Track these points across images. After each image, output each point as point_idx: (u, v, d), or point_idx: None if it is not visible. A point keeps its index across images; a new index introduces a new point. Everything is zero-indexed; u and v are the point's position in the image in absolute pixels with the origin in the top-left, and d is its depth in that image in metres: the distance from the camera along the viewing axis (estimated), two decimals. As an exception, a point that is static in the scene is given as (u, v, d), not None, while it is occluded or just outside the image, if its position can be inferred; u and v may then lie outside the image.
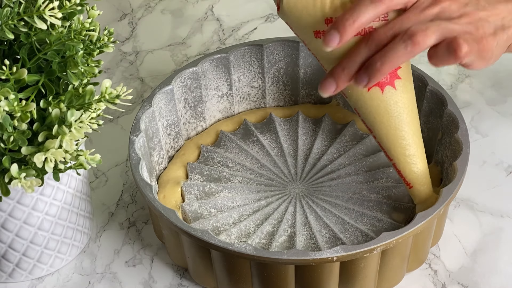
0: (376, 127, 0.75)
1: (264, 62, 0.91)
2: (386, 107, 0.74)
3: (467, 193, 0.87)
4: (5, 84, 0.68)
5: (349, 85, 0.70)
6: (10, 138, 0.67)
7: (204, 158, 0.88)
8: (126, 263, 0.83)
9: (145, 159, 0.82)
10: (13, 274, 0.81)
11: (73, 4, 0.69)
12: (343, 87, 0.70)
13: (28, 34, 0.70)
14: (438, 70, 1.02)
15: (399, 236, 0.72)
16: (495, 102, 0.97)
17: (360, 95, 0.74)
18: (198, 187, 0.85)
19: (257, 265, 0.74)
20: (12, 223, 0.77)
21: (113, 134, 0.95)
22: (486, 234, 0.84)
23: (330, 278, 0.74)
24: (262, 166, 0.87)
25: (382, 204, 0.83)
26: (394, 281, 0.79)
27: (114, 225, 0.87)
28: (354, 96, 0.74)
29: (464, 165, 0.78)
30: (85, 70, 0.71)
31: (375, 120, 0.74)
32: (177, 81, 0.87)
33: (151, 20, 1.11)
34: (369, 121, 0.75)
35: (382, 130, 0.75)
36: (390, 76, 0.73)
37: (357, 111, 0.75)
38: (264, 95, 0.93)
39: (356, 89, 0.73)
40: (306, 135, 0.90)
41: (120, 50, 1.06)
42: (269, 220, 0.82)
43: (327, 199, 0.84)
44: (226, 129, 0.91)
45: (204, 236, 0.73)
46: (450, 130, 0.83)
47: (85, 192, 0.82)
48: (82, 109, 0.70)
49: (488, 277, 0.80)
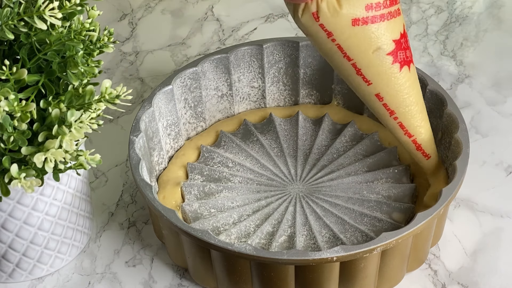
0: (404, 104, 0.77)
1: (264, 62, 0.91)
2: (414, 83, 0.77)
3: (467, 193, 0.87)
4: (5, 84, 0.68)
5: (376, 70, 0.75)
6: (10, 138, 0.67)
7: (204, 158, 0.88)
8: (126, 263, 0.83)
9: (145, 159, 0.82)
10: (13, 274, 0.81)
11: (73, 4, 0.69)
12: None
13: (28, 34, 0.70)
14: (438, 70, 1.02)
15: (399, 236, 0.73)
16: (495, 102, 0.98)
17: (391, 76, 0.76)
18: (198, 187, 0.85)
19: (257, 265, 0.74)
20: (12, 223, 0.77)
21: (113, 134, 0.95)
22: (486, 234, 0.84)
23: (330, 278, 0.74)
24: (262, 166, 0.87)
25: (382, 204, 0.83)
26: (394, 281, 0.79)
27: (114, 225, 0.87)
28: (383, 80, 0.76)
29: (464, 165, 0.78)
30: (85, 70, 0.71)
31: (405, 98, 0.77)
32: (177, 81, 0.87)
33: (151, 20, 1.11)
34: (398, 101, 0.77)
35: (411, 106, 0.78)
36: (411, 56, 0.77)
37: (380, 96, 0.77)
38: (264, 95, 0.93)
39: (386, 71, 0.75)
40: (306, 135, 0.90)
41: (120, 50, 1.06)
42: (269, 220, 0.82)
43: (327, 199, 0.84)
44: (226, 129, 0.91)
45: (204, 236, 0.73)
46: (450, 130, 0.83)
47: (85, 192, 0.82)
48: (82, 109, 0.70)
49: (488, 277, 0.80)
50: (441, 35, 1.07)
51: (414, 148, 0.81)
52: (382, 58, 0.74)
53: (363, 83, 0.76)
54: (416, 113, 0.78)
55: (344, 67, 0.75)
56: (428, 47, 1.05)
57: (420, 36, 1.07)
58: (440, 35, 1.07)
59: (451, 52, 1.04)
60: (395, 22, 0.75)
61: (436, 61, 1.03)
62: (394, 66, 0.75)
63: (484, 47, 1.05)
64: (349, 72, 0.75)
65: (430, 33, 1.07)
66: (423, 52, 1.04)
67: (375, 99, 0.77)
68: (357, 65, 0.74)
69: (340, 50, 0.74)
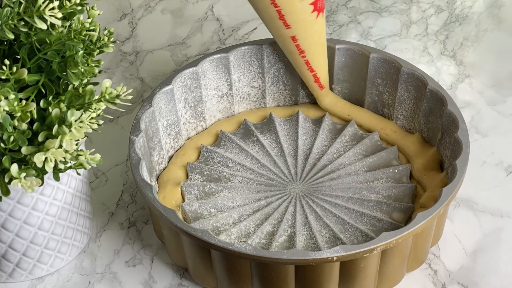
0: (314, 46, 0.87)
1: (264, 62, 0.91)
2: (324, 28, 0.87)
3: (467, 193, 0.87)
4: (5, 84, 0.68)
5: (297, 17, 0.84)
6: (10, 138, 0.67)
7: (204, 158, 0.88)
8: (126, 263, 0.83)
9: (145, 159, 0.82)
10: (13, 274, 0.81)
11: (73, 4, 0.69)
12: None
13: (28, 34, 0.70)
14: (438, 70, 1.02)
15: (399, 236, 0.72)
16: (495, 102, 0.98)
17: (309, 22, 0.85)
18: (198, 187, 0.85)
19: (257, 265, 0.74)
20: (12, 223, 0.77)
21: (113, 134, 0.95)
22: (486, 234, 0.84)
23: (330, 278, 0.74)
24: (262, 166, 0.87)
25: (382, 204, 0.83)
26: (394, 281, 0.79)
27: (114, 225, 0.87)
28: (302, 25, 0.85)
29: (464, 165, 0.78)
30: (85, 70, 0.71)
31: (316, 41, 0.87)
32: (177, 81, 0.87)
33: (151, 20, 1.11)
34: (309, 43, 0.86)
35: (319, 47, 0.88)
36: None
37: (296, 38, 0.86)
38: (264, 95, 0.93)
39: (306, 18, 0.84)
40: (306, 135, 0.90)
41: (120, 50, 1.06)
42: (269, 220, 0.82)
43: (327, 199, 0.84)
44: (226, 129, 0.91)
45: (204, 236, 0.73)
46: (450, 130, 0.83)
47: (85, 192, 0.82)
48: (82, 109, 0.70)
49: (488, 277, 0.80)
50: (441, 35, 1.07)
51: (313, 80, 0.90)
52: (305, 7, 0.83)
53: (282, 27, 0.84)
54: (320, 53, 0.88)
55: (268, 11, 0.83)
56: (428, 47, 1.05)
57: (420, 36, 1.07)
58: (440, 35, 1.07)
59: (451, 52, 1.04)
60: None
61: (436, 61, 1.03)
62: (313, 13, 0.84)
63: (484, 47, 1.05)
64: (272, 15, 0.83)
65: (430, 33, 1.07)
66: (423, 52, 1.04)
67: (290, 41, 0.86)
68: (282, 11, 0.83)
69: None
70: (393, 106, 0.90)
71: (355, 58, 0.90)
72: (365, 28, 1.09)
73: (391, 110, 0.90)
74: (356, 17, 1.11)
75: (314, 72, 0.89)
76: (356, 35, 1.08)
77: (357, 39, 1.07)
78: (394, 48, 1.05)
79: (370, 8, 1.12)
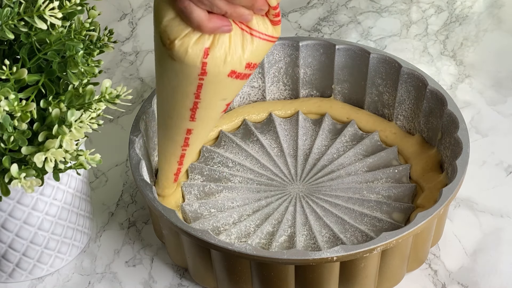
0: (199, 144, 0.79)
1: (264, 62, 0.91)
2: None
3: (467, 193, 0.87)
4: (5, 84, 0.68)
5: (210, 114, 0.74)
6: (10, 138, 0.67)
7: (204, 158, 0.88)
8: (126, 263, 0.83)
9: (145, 159, 0.82)
10: (13, 274, 0.81)
11: (73, 4, 0.69)
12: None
13: (28, 34, 0.70)
14: (438, 70, 1.02)
15: (399, 236, 0.72)
16: (495, 102, 0.98)
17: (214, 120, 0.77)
18: (198, 187, 0.85)
19: (257, 265, 0.74)
20: (12, 223, 0.77)
21: (113, 134, 0.95)
22: (486, 234, 0.84)
23: (330, 278, 0.74)
24: (262, 166, 0.87)
25: (382, 204, 0.83)
26: (394, 281, 0.79)
27: (114, 225, 0.87)
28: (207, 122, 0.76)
29: (464, 165, 0.78)
30: (85, 70, 0.71)
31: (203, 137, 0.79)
32: (177, 81, 0.87)
33: (151, 20, 1.11)
34: (198, 138, 0.78)
35: (199, 146, 0.80)
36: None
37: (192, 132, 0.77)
38: (264, 94, 0.93)
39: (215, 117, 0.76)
40: (306, 135, 0.90)
41: (120, 50, 1.06)
42: (269, 220, 0.82)
43: (327, 199, 0.84)
44: (226, 129, 0.91)
45: (204, 236, 0.73)
46: (450, 130, 0.83)
47: (85, 192, 0.82)
48: (82, 109, 0.70)
49: (488, 277, 0.80)
50: (441, 35, 1.07)
51: (174, 172, 0.81)
52: (221, 106, 0.74)
53: (187, 118, 0.74)
54: (195, 150, 0.80)
55: (183, 99, 0.73)
56: (428, 47, 1.05)
57: (420, 36, 1.07)
58: (440, 35, 1.07)
59: (451, 52, 1.04)
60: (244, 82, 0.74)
61: (436, 61, 1.03)
62: (221, 114, 0.75)
63: (484, 47, 1.05)
64: (183, 104, 0.73)
65: (430, 33, 1.07)
66: (423, 52, 1.04)
67: (183, 132, 0.76)
68: (198, 104, 0.73)
69: (198, 88, 0.72)
70: (393, 106, 0.90)
71: (355, 58, 0.90)
72: (365, 28, 1.09)
73: (391, 110, 0.90)
74: (356, 17, 1.11)
75: (181, 166, 0.81)
76: (356, 35, 1.08)
77: (357, 39, 1.07)
78: (394, 48, 1.05)
79: (370, 8, 1.12)
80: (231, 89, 0.73)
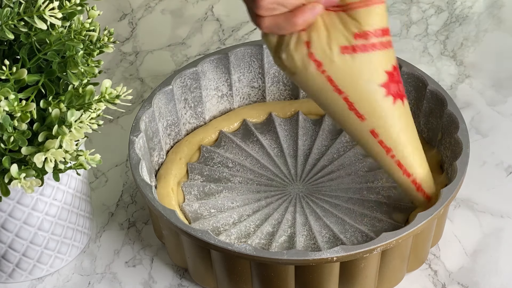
0: (400, 140, 0.74)
1: (264, 62, 0.91)
2: (408, 118, 0.75)
3: (467, 193, 0.87)
4: (5, 84, 0.68)
5: (369, 103, 0.71)
6: (10, 138, 0.67)
7: (204, 158, 0.88)
8: (126, 263, 0.83)
9: (145, 159, 0.82)
10: (13, 274, 0.81)
11: (73, 4, 0.69)
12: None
13: (28, 34, 0.70)
14: (438, 71, 1.02)
15: (399, 236, 0.72)
16: (495, 102, 0.97)
17: (385, 110, 0.73)
18: (198, 187, 0.85)
19: (257, 265, 0.74)
20: (12, 223, 0.77)
21: (113, 134, 0.95)
22: (486, 234, 0.84)
23: (330, 279, 0.74)
24: (262, 167, 0.87)
25: (382, 204, 0.83)
26: (394, 281, 0.79)
27: (114, 225, 0.87)
28: (377, 113, 0.72)
29: (464, 165, 0.78)
30: (85, 70, 0.71)
31: (401, 131, 0.74)
32: (177, 81, 0.87)
33: (151, 20, 1.11)
34: (393, 137, 0.74)
35: (407, 143, 0.75)
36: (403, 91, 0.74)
37: (376, 132, 0.73)
38: (264, 95, 0.93)
39: (380, 105, 0.72)
40: (306, 135, 0.90)
41: (120, 50, 1.06)
42: (269, 221, 0.82)
43: (327, 199, 0.84)
44: (226, 129, 0.91)
45: (204, 236, 0.73)
46: (450, 130, 0.83)
47: (85, 192, 0.82)
48: (82, 109, 0.70)
49: (488, 277, 0.80)
50: (441, 35, 1.07)
51: (414, 189, 0.77)
52: (375, 89, 0.71)
53: (356, 119, 0.72)
54: (414, 150, 0.75)
55: (335, 102, 0.71)
56: (428, 47, 1.05)
57: (420, 36, 1.07)
58: (440, 35, 1.07)
59: (451, 52, 1.04)
60: (387, 54, 0.72)
61: (436, 61, 1.03)
62: (387, 98, 0.72)
63: (484, 47, 1.05)
64: (340, 108, 0.71)
65: (430, 33, 1.07)
66: (423, 52, 1.04)
67: (369, 136, 0.73)
68: (349, 99, 0.71)
69: (330, 82, 0.70)
70: (393, 106, 0.90)
71: (355, 58, 0.90)
72: (365, 28, 1.09)
73: (391, 110, 0.90)
74: (356, 17, 1.10)
75: (411, 176, 0.75)
76: (356, 35, 1.08)
77: (357, 39, 1.07)
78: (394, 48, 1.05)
79: (370, 8, 1.12)
80: (363, 66, 0.70)
